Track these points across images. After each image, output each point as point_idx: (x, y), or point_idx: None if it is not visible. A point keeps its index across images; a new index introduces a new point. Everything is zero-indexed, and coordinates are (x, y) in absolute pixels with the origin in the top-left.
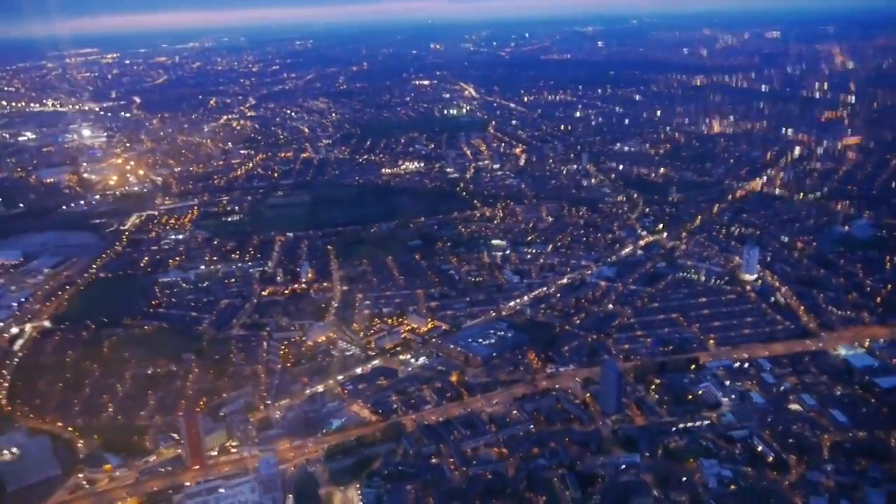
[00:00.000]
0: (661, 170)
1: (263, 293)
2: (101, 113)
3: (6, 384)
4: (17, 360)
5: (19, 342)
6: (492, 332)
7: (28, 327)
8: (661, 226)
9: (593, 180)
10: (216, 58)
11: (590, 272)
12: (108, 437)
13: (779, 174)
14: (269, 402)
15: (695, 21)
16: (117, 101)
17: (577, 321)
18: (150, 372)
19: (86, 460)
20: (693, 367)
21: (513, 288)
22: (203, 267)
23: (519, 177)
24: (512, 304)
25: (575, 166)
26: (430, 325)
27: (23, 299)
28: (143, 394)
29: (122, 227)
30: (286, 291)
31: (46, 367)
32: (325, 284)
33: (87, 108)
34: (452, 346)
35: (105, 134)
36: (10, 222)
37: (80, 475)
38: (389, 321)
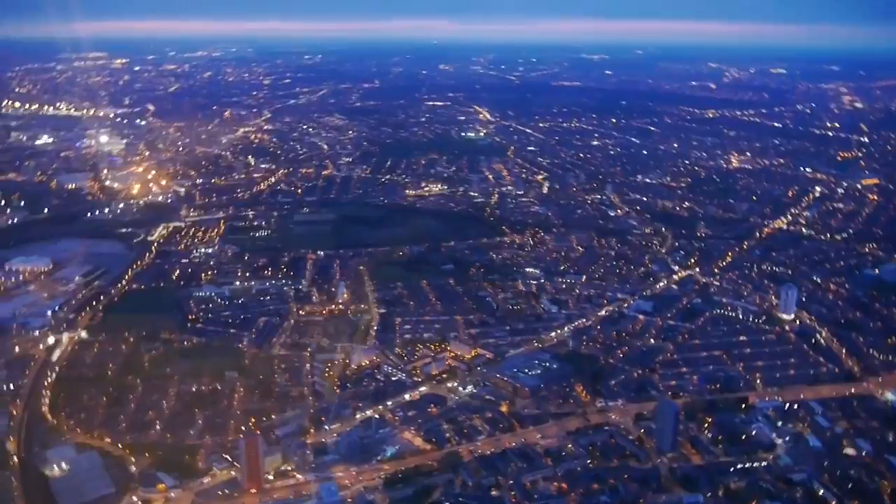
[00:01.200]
0: (685, 203)
1: (300, 312)
2: (117, 119)
3: (48, 396)
4: (56, 371)
5: (57, 352)
6: (536, 362)
7: (65, 337)
8: (692, 261)
9: (619, 211)
10: (226, 68)
11: (627, 305)
12: (159, 456)
13: (803, 213)
14: (323, 426)
15: (699, 54)
16: (131, 107)
17: (621, 355)
18: (194, 389)
19: (139, 479)
20: (743, 406)
21: (552, 318)
22: (237, 283)
23: (544, 204)
24: (552, 334)
25: (598, 196)
26: (474, 353)
27: (56, 308)
28: (191, 412)
29: (149, 238)
30: (323, 312)
31: (88, 380)
32: (363, 306)
33: (101, 113)
34: (498, 376)
35: (123, 141)
36: (34, 228)
37: (135, 495)
38: (432, 347)
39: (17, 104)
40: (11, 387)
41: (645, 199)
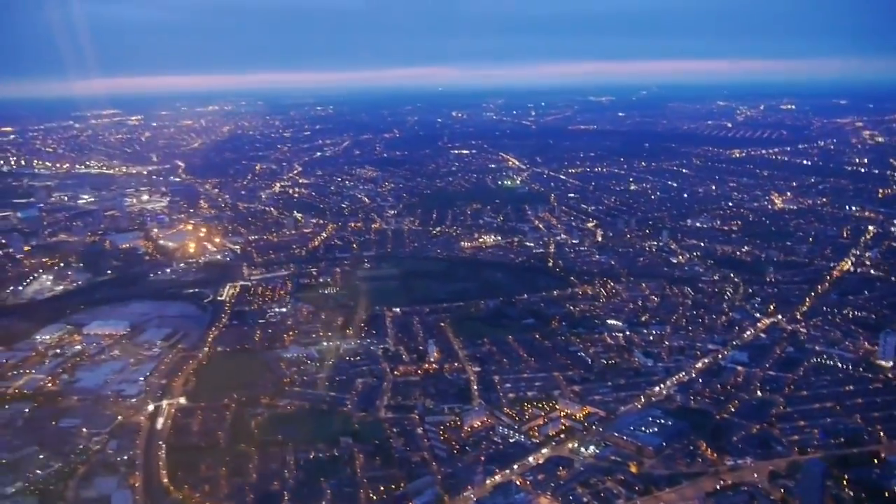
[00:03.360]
0: (744, 248)
1: (395, 372)
2: (153, 177)
3: (165, 467)
4: (165, 440)
5: (160, 420)
6: (650, 419)
7: (164, 404)
8: (771, 308)
9: (681, 258)
10: (243, 122)
11: (722, 356)
12: None
13: (865, 254)
14: (460, 494)
15: (705, 92)
16: (160, 164)
17: (733, 409)
18: (312, 457)
19: None
20: (876, 461)
21: (650, 372)
22: (324, 343)
23: (604, 253)
24: (656, 389)
25: (655, 242)
26: (585, 412)
27: (147, 374)
28: (315, 481)
29: (218, 298)
30: (418, 371)
31: (201, 449)
32: (456, 364)
33: (134, 171)
34: (617, 434)
35: (165, 199)
36: (100, 290)
37: None
38: (542, 405)
39: (48, 163)
40: (125, 458)
41: (702, 243)
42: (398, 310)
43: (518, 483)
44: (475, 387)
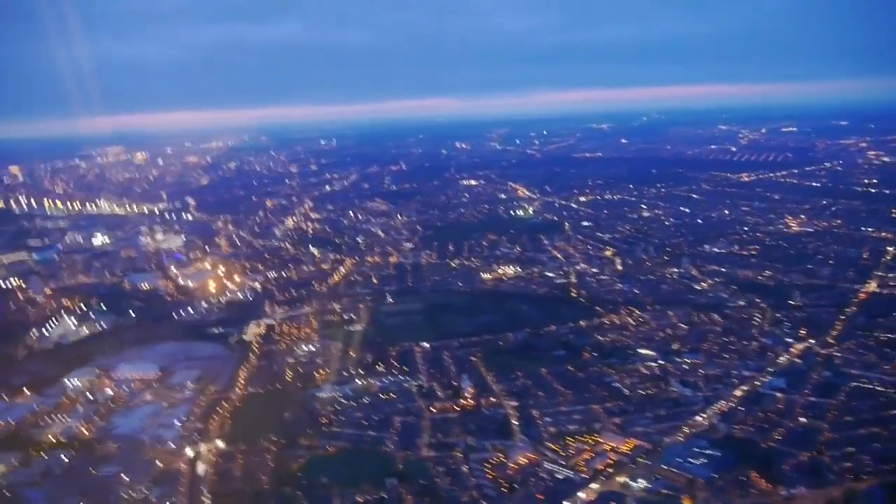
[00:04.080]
0: (766, 272)
1: (432, 409)
2: (165, 215)
3: None
4: (209, 486)
5: (200, 465)
6: (696, 450)
7: (203, 448)
8: (802, 332)
9: (703, 284)
10: (248, 157)
11: (759, 383)
12: None
13: (888, 275)
14: None
15: (705, 117)
16: (170, 202)
17: (778, 437)
18: (360, 500)
19: None
20: None
21: (689, 401)
22: (357, 382)
23: (625, 281)
24: (697, 419)
25: (675, 269)
26: (630, 444)
27: (183, 417)
28: None
29: (244, 338)
30: (455, 407)
31: (247, 495)
32: (492, 399)
33: (145, 209)
34: (665, 467)
35: (181, 237)
36: (124, 332)
37: None
38: (585, 439)
39: (59, 203)
40: None
41: (723, 269)
42: (427, 345)
43: None
44: (515, 422)
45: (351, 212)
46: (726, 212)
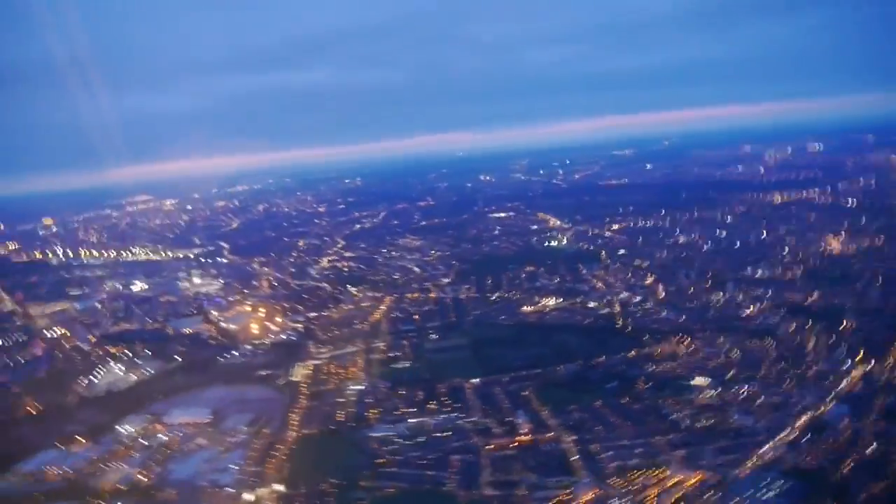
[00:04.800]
0: (813, 295)
1: (489, 447)
2: (201, 259)
3: None
4: None
5: None
6: (766, 482)
7: (263, 493)
8: (859, 356)
9: (751, 309)
10: (275, 199)
11: (821, 410)
12: None
13: None
14: None
15: (726, 138)
16: (204, 247)
17: (851, 466)
18: None
19: None
20: None
21: (752, 431)
22: (410, 420)
23: (670, 309)
24: (763, 449)
25: (720, 295)
26: (698, 477)
27: (239, 461)
28: None
29: (292, 379)
30: (512, 444)
31: None
32: (549, 434)
33: (180, 255)
34: (738, 500)
35: (219, 281)
36: (172, 378)
37: None
38: (651, 473)
39: (94, 252)
40: None
41: (768, 293)
42: (476, 380)
43: None
44: (575, 457)
45: (384, 249)
46: (764, 234)
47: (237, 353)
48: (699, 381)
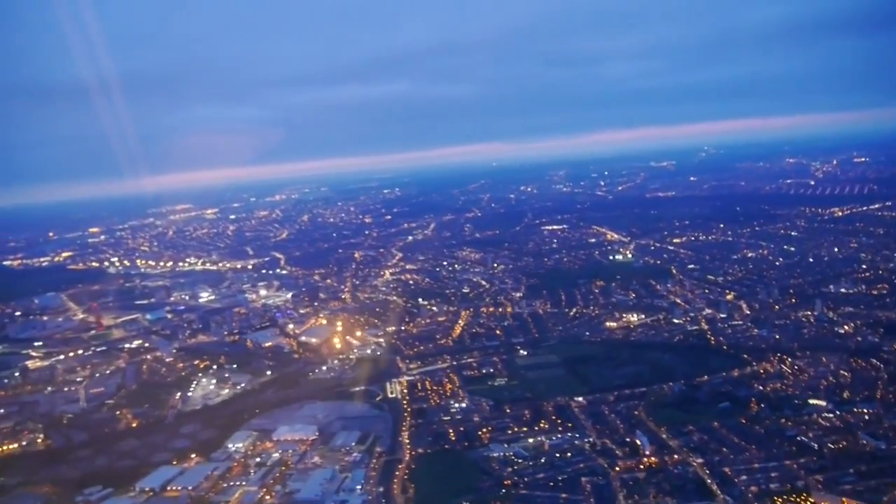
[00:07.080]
0: None
1: (616, 469)
2: (260, 270)
3: None
4: None
5: None
6: None
7: None
8: None
9: (846, 327)
10: (317, 209)
11: None
12: None
13: None
14: None
15: (768, 150)
16: (258, 257)
17: None
18: None
19: None
20: None
21: (888, 455)
22: (527, 440)
23: (762, 327)
24: None
25: (809, 312)
26: None
27: (361, 481)
28: None
29: (390, 395)
30: (640, 466)
31: None
32: (675, 457)
33: (238, 265)
34: None
35: (285, 293)
36: (265, 392)
37: None
38: (796, 500)
39: (151, 262)
40: None
41: (860, 310)
42: (581, 399)
43: None
44: (708, 480)
45: (444, 261)
46: (835, 249)
47: (325, 368)
48: (816, 402)
